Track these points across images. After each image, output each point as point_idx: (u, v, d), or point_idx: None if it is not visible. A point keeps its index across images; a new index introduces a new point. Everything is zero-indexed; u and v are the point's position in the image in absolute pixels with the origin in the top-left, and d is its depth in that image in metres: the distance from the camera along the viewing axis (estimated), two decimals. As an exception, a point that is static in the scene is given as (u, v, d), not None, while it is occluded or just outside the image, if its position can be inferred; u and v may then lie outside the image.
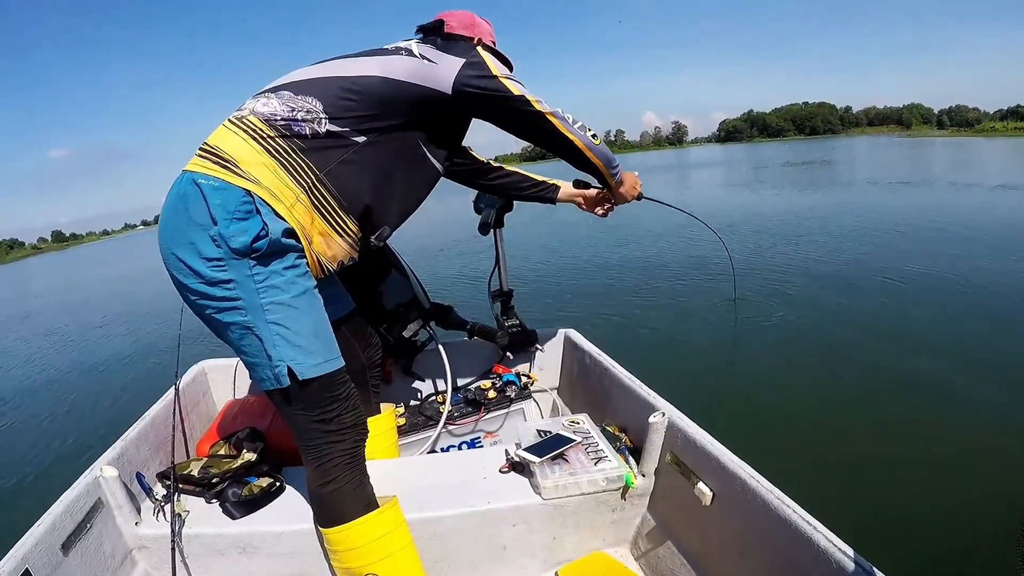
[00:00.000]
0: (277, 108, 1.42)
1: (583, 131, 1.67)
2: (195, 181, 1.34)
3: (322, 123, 1.42)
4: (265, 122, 1.41)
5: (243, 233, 1.30)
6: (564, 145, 1.67)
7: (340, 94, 1.45)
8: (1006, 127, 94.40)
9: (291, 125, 1.41)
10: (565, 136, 1.64)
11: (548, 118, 1.60)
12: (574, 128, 1.65)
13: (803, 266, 7.54)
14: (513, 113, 1.58)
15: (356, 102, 1.45)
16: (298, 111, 1.42)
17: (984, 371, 4.12)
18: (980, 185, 15.44)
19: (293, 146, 1.40)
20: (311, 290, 1.43)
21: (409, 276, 2.37)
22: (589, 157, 1.73)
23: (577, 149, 1.69)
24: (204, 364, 2.46)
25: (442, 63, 1.51)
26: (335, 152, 1.43)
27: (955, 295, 5.83)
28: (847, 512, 2.49)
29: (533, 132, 1.65)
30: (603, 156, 1.77)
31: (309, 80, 1.49)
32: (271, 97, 1.45)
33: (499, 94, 1.53)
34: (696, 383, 4.34)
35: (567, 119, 1.63)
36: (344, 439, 1.47)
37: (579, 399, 2.44)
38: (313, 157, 1.41)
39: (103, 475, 1.61)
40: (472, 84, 1.51)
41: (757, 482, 1.36)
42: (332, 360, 1.43)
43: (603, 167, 1.81)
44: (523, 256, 10.14)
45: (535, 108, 1.57)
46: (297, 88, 1.46)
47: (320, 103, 1.43)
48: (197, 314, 1.43)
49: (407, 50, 1.54)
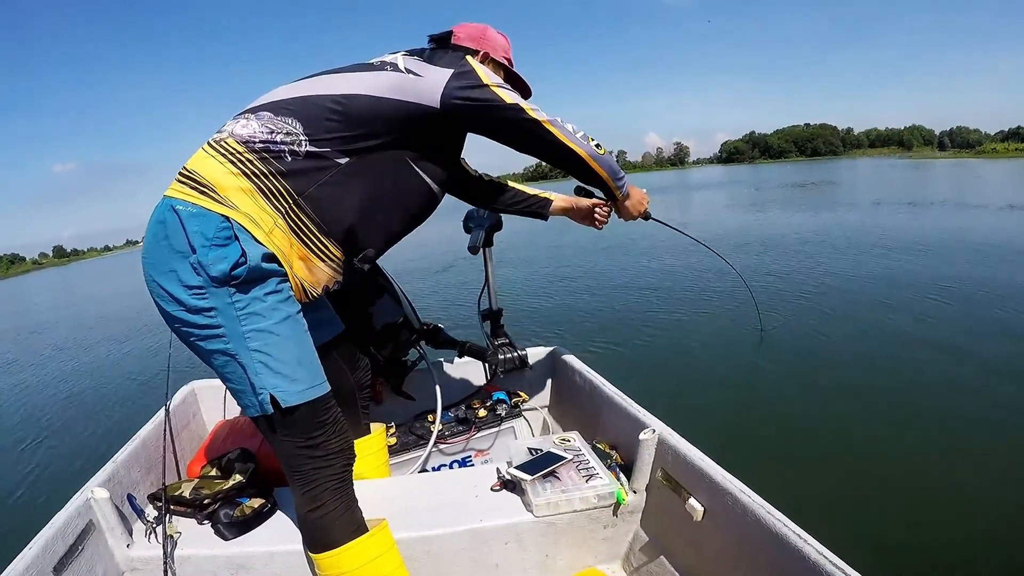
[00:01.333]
0: (256, 130, 1.39)
1: (585, 140, 1.60)
2: (173, 207, 1.32)
3: (302, 145, 1.38)
4: (243, 144, 1.37)
5: (222, 260, 1.29)
6: (565, 155, 1.59)
7: (321, 114, 1.41)
8: (1007, 148, 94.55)
9: (270, 147, 1.37)
10: (566, 145, 1.56)
11: (546, 127, 1.53)
12: (575, 137, 1.58)
13: (795, 284, 7.61)
14: (508, 124, 1.52)
15: (338, 122, 1.41)
16: (278, 133, 1.38)
17: (972, 382, 4.18)
18: (987, 206, 15.62)
19: (271, 169, 1.36)
20: (294, 315, 1.40)
21: (399, 296, 2.37)
22: (593, 167, 1.65)
23: (579, 159, 1.61)
24: (194, 385, 2.46)
25: (428, 76, 1.46)
26: (315, 175, 1.39)
27: (928, 310, 5.93)
28: (838, 525, 2.52)
29: (532, 143, 1.57)
30: (608, 167, 1.69)
31: (289, 100, 1.44)
32: (251, 118, 1.42)
33: (491, 104, 1.47)
34: (686, 399, 4.36)
35: (567, 128, 1.56)
36: (331, 464, 1.45)
37: (569, 417, 2.44)
38: (291, 181, 1.37)
39: (94, 497, 1.60)
40: (461, 96, 1.45)
41: (748, 497, 1.37)
42: (317, 386, 1.41)
43: (608, 178, 1.73)
44: (512, 275, 10.15)
45: (531, 116, 1.50)
46: (277, 108, 1.42)
47: (300, 124, 1.39)
48: (182, 341, 1.41)
49: (392, 64, 1.49)
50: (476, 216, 2.47)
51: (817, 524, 1.26)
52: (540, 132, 1.53)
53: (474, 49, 1.63)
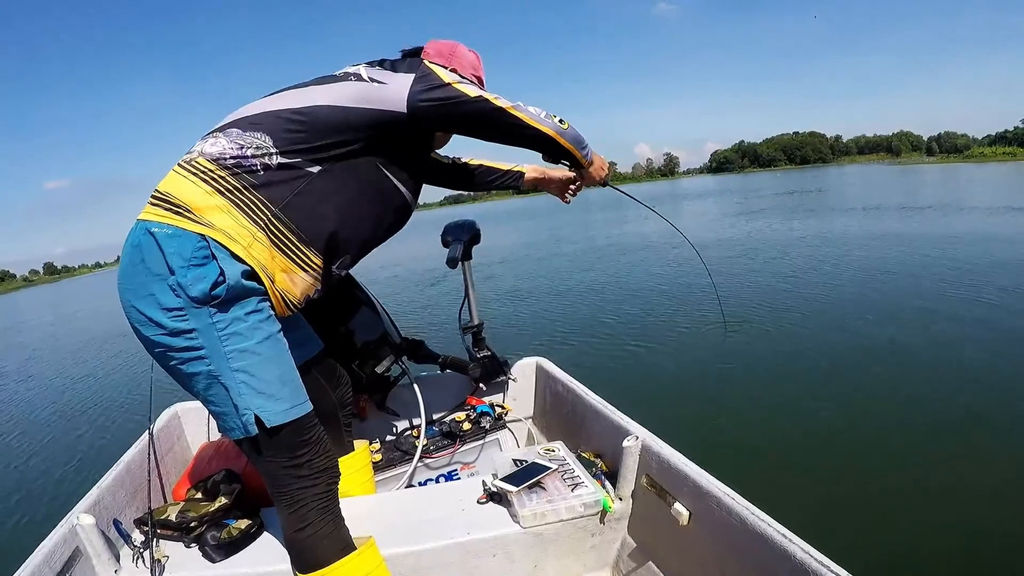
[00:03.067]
0: (226, 147, 1.39)
1: (550, 119, 1.63)
2: (149, 230, 1.31)
3: (273, 157, 1.39)
4: (214, 162, 1.37)
5: (201, 280, 1.28)
6: (534, 136, 1.62)
7: (288, 127, 1.42)
8: (995, 152, 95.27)
9: (241, 162, 1.38)
10: (533, 127, 1.59)
11: (512, 113, 1.55)
12: (541, 118, 1.60)
13: (776, 289, 7.70)
14: (474, 116, 1.54)
15: (305, 133, 1.42)
16: (247, 148, 1.39)
17: (947, 382, 4.24)
18: (979, 207, 15.92)
19: (245, 183, 1.37)
20: (275, 335, 1.40)
21: (379, 312, 2.37)
22: (562, 143, 1.67)
23: (549, 138, 1.63)
24: (177, 407, 2.44)
25: (392, 83, 1.48)
26: (290, 185, 1.40)
27: (899, 310, 6.03)
28: (822, 523, 2.55)
29: (501, 131, 1.59)
30: (573, 139, 1.71)
31: (256, 115, 1.45)
32: (219, 136, 1.42)
33: (456, 100, 1.49)
34: (668, 404, 4.40)
35: (531, 111, 1.59)
36: (317, 483, 1.45)
37: (554, 427, 2.46)
38: (267, 192, 1.38)
39: (80, 523, 1.58)
40: (425, 98, 1.47)
41: (732, 499, 1.39)
42: (299, 405, 1.41)
43: (575, 150, 1.74)
44: (492, 287, 10.17)
45: (496, 105, 1.53)
46: (245, 124, 1.43)
47: (269, 138, 1.40)
48: (162, 366, 1.40)
49: (356, 75, 1.51)
50: (454, 230, 2.48)
51: (801, 523, 1.28)
52: (507, 119, 1.56)
53: (443, 65, 1.64)
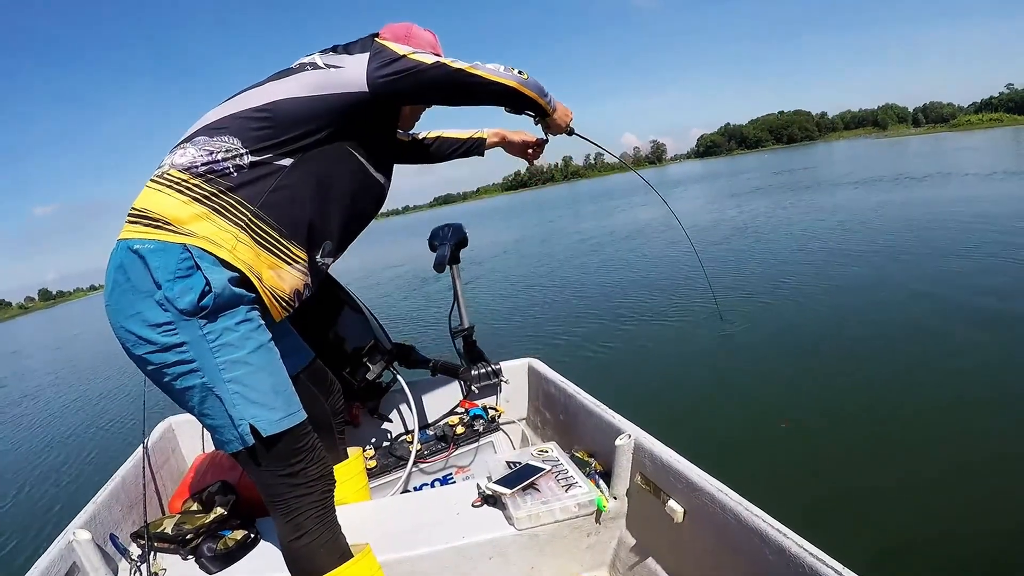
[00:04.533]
0: (195, 155, 1.39)
1: (509, 72, 1.63)
2: (131, 248, 1.30)
3: (244, 157, 1.39)
4: (186, 171, 1.37)
5: (189, 291, 1.28)
6: (497, 91, 1.61)
7: (253, 125, 1.42)
8: (981, 120, 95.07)
9: (213, 167, 1.37)
10: (496, 82, 1.59)
11: (472, 72, 1.55)
12: (500, 72, 1.60)
13: (769, 279, 7.72)
14: (436, 82, 1.53)
15: (272, 129, 1.42)
16: (217, 152, 1.38)
17: (944, 372, 4.26)
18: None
19: (220, 188, 1.37)
20: (266, 344, 1.40)
21: (368, 318, 2.38)
22: (525, 93, 1.67)
23: (512, 89, 1.63)
24: (171, 420, 2.44)
25: (348, 65, 1.49)
26: (264, 182, 1.41)
27: (891, 298, 6.03)
28: (816, 517, 2.58)
29: (464, 92, 1.60)
30: (535, 87, 1.71)
31: (220, 119, 1.45)
32: (187, 147, 1.41)
33: (414, 70, 1.49)
34: (660, 402, 4.41)
35: (489, 67, 1.59)
36: (312, 491, 1.45)
37: (547, 427, 2.47)
38: (243, 193, 1.38)
39: (76, 539, 1.59)
40: (383, 73, 1.47)
41: (726, 496, 1.40)
42: (294, 414, 1.41)
43: (538, 98, 1.74)
44: (482, 290, 10.17)
45: (454, 67, 1.53)
46: (210, 131, 1.43)
47: (237, 139, 1.40)
48: (157, 385, 1.40)
49: (311, 64, 1.51)
50: (441, 234, 2.49)
51: (795, 518, 1.30)
52: (468, 79, 1.55)
53: None
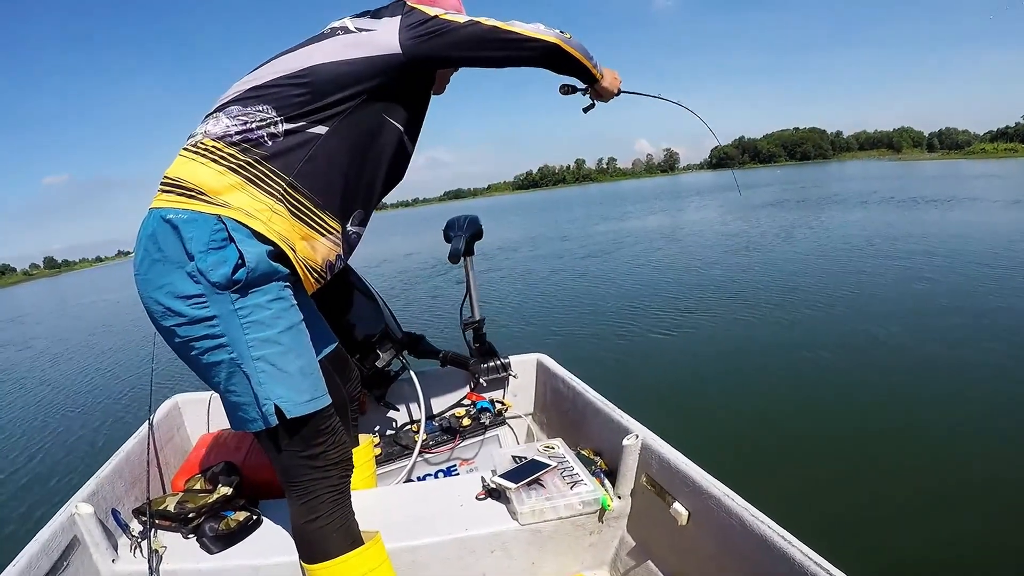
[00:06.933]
0: (229, 125, 1.36)
1: (549, 29, 1.54)
2: (163, 217, 1.29)
3: (278, 125, 1.37)
4: (221, 140, 1.35)
5: (222, 264, 1.26)
6: (537, 48, 1.52)
7: (289, 92, 1.39)
8: (996, 148, 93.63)
9: (248, 136, 1.35)
10: (535, 38, 1.50)
11: (508, 28, 1.47)
12: (540, 29, 1.52)
13: (777, 286, 7.68)
14: (471, 41, 1.47)
15: (308, 94, 1.39)
16: (251, 122, 1.36)
17: (956, 382, 4.23)
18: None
19: (255, 157, 1.35)
20: (298, 325, 1.39)
21: (380, 306, 2.37)
22: (568, 50, 1.57)
23: (553, 46, 1.53)
24: (177, 398, 2.44)
25: (380, 28, 1.45)
26: (299, 151, 1.38)
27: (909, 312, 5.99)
28: (822, 526, 2.55)
29: (502, 51, 1.50)
30: (579, 48, 1.61)
31: (254, 87, 1.42)
32: (220, 116, 1.39)
33: (447, 29, 1.44)
34: (669, 403, 4.40)
35: (527, 25, 1.51)
36: (330, 475, 1.44)
37: (553, 424, 2.46)
38: (278, 163, 1.36)
39: (78, 512, 1.59)
40: (416, 34, 1.43)
41: (732, 500, 1.38)
42: (319, 398, 1.40)
43: (584, 59, 1.64)
44: (494, 283, 10.17)
45: (489, 24, 1.47)
46: (243, 100, 1.40)
47: (272, 107, 1.38)
48: (183, 358, 1.38)
49: (343, 28, 1.48)
50: (456, 225, 2.48)
51: (800, 525, 1.28)
52: (505, 35, 1.49)
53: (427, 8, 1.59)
